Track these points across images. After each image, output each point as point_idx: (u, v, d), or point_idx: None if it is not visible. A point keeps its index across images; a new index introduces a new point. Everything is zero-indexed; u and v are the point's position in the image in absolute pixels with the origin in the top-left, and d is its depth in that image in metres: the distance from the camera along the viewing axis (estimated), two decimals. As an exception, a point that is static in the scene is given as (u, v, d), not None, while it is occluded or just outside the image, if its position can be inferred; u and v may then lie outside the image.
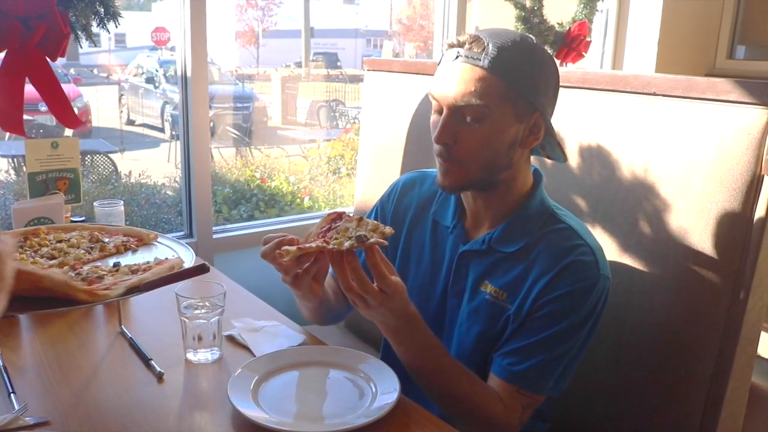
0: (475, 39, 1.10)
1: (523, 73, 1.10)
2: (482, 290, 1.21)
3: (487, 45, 1.09)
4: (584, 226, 1.22)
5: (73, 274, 1.13)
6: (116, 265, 1.21)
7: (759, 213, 1.20)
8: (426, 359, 1.15)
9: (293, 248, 1.06)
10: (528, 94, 1.11)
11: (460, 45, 1.12)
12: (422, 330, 1.14)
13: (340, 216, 1.14)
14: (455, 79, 1.11)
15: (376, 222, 1.10)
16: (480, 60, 1.09)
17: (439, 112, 1.15)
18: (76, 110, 1.55)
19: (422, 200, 1.35)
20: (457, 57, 1.11)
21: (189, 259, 1.23)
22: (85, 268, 1.19)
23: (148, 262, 1.20)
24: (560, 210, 1.22)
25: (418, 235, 1.33)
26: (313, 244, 1.06)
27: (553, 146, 1.22)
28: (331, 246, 1.04)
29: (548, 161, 1.29)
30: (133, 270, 1.17)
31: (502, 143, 1.13)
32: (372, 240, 1.03)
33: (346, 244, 1.04)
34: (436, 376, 1.15)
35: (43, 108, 1.54)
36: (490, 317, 1.19)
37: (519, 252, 1.18)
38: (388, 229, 1.08)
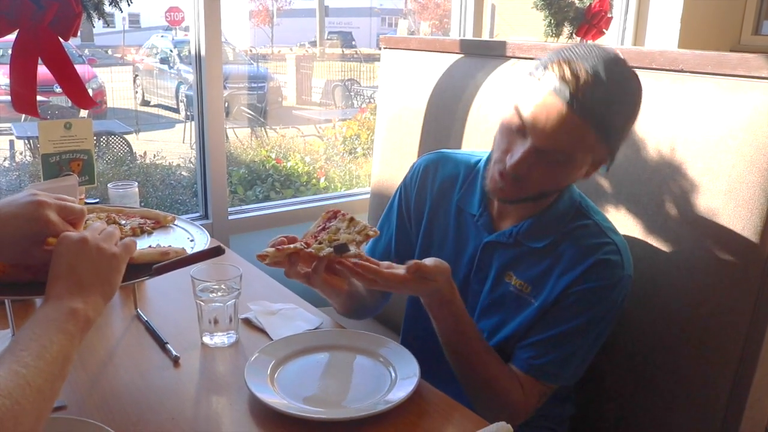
0: (588, 86, 1.02)
1: (617, 126, 1.08)
2: (506, 281, 1.22)
3: (593, 92, 1.02)
4: (609, 221, 1.23)
5: None
6: None
7: (791, 194, 1.16)
8: (460, 333, 1.16)
9: (272, 250, 1.07)
10: (614, 144, 1.10)
11: (576, 89, 1.02)
12: (458, 303, 1.15)
13: (335, 215, 1.17)
14: (555, 124, 1.04)
15: (364, 224, 1.13)
16: (585, 110, 1.03)
17: (520, 130, 1.09)
18: (91, 91, 1.54)
19: (444, 183, 1.33)
20: (570, 102, 1.02)
21: (204, 242, 1.21)
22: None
23: (149, 246, 1.17)
24: (586, 202, 1.23)
25: (441, 219, 1.33)
26: (292, 246, 1.08)
27: None
28: (309, 250, 1.08)
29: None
30: None
31: (567, 181, 1.16)
32: (349, 252, 1.07)
33: (324, 252, 1.07)
34: (468, 353, 1.17)
35: (58, 89, 1.53)
36: (514, 309, 1.21)
37: (546, 247, 1.19)
38: (373, 231, 1.12)
